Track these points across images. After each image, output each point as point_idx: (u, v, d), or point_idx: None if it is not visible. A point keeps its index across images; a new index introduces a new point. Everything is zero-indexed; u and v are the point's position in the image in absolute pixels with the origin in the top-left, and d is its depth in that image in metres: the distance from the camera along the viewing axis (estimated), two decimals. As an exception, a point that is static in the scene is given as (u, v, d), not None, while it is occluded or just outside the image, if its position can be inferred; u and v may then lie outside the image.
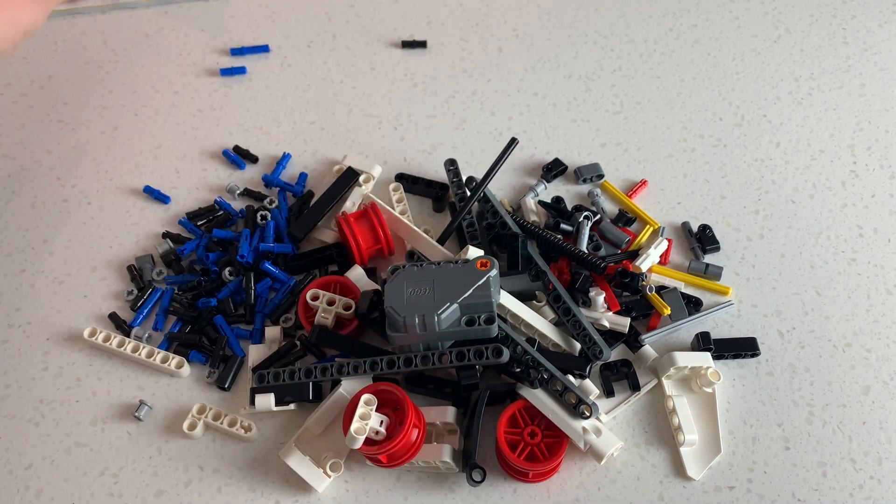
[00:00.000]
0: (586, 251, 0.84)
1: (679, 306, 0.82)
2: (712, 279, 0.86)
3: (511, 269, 0.82)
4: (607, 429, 0.73)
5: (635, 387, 0.78)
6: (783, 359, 0.81)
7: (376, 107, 1.03)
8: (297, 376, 0.75)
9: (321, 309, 0.79)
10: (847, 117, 1.00)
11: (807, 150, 0.97)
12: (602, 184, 0.94)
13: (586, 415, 0.71)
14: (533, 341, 0.78)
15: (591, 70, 1.06)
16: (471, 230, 0.86)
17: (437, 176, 0.95)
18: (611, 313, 0.81)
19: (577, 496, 0.73)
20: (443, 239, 0.86)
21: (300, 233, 0.88)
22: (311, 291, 0.80)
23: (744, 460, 0.75)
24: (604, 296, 0.80)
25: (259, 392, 0.76)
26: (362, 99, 1.04)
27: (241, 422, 0.76)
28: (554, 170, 0.94)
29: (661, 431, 0.77)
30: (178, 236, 0.90)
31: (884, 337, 0.82)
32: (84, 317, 0.86)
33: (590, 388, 0.75)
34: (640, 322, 0.83)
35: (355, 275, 0.83)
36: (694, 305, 0.84)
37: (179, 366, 0.80)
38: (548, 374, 0.73)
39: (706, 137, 0.99)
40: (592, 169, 0.94)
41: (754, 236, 0.90)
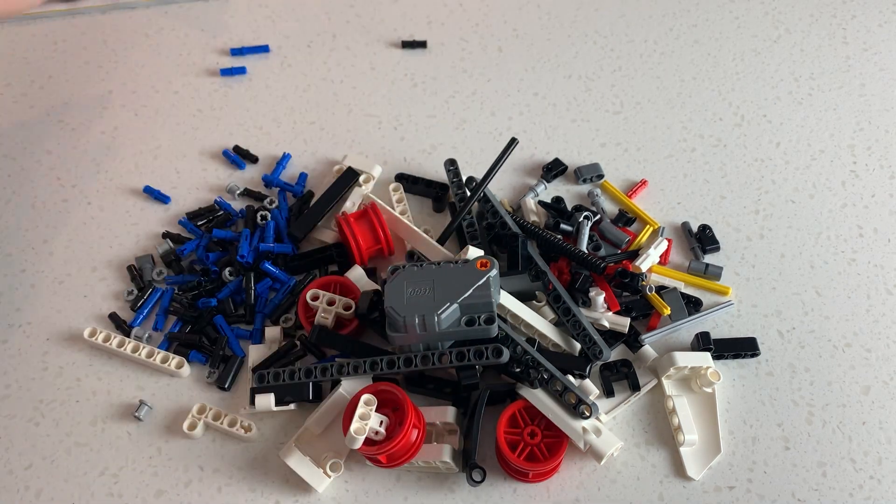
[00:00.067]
0: (586, 251, 0.84)
1: (679, 306, 0.82)
2: (712, 279, 0.86)
3: (511, 269, 0.82)
4: (607, 429, 0.73)
5: (635, 387, 0.78)
6: (783, 359, 0.81)
7: (376, 107, 1.03)
8: (297, 376, 0.75)
9: (321, 309, 0.79)
10: (847, 117, 1.00)
11: (807, 150, 0.97)
12: (602, 184, 0.94)
13: (586, 415, 0.71)
14: (533, 341, 0.78)
15: (591, 70, 1.06)
16: (471, 230, 0.86)
17: (437, 176, 0.95)
18: (611, 313, 0.81)
19: (577, 496, 0.73)
20: (443, 239, 0.86)
21: (300, 233, 0.88)
22: (311, 291, 0.80)
23: (744, 460, 0.75)
24: (604, 296, 0.80)
25: (259, 392, 0.76)
26: (362, 99, 1.04)
27: (241, 422, 0.76)
28: (554, 170, 0.94)
29: (661, 431, 0.77)
30: (178, 236, 0.90)
31: (884, 337, 0.82)
32: (84, 317, 0.86)
33: (590, 388, 0.75)
34: (640, 322, 0.83)
35: (355, 275, 0.83)
36: (694, 305, 0.83)
37: (179, 366, 0.80)
38: (548, 374, 0.73)
39: (706, 137, 0.99)
40: (592, 169, 0.94)
41: (754, 236, 0.90)
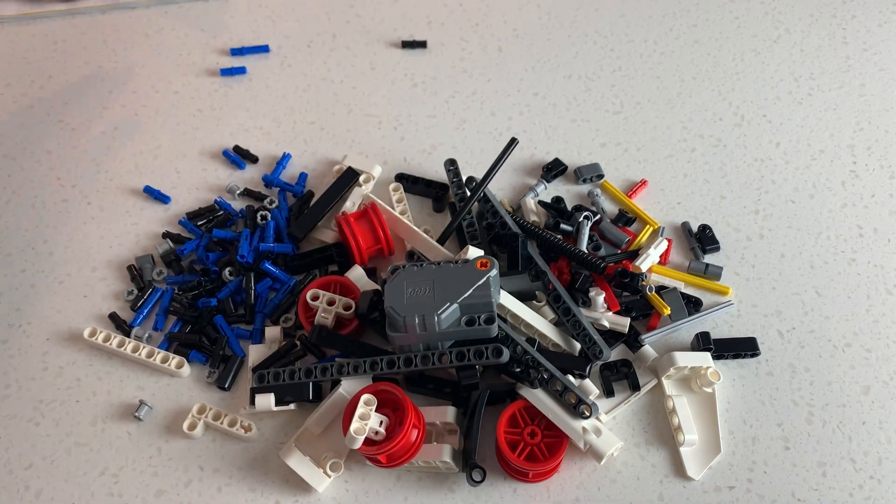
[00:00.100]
0: (586, 251, 0.84)
1: (679, 306, 0.82)
2: (712, 279, 0.86)
3: (511, 269, 0.82)
4: (607, 429, 0.73)
5: (635, 387, 0.78)
6: (783, 359, 0.81)
7: (376, 107, 1.03)
8: (297, 376, 0.75)
9: (321, 309, 0.79)
10: (847, 117, 1.00)
11: (807, 150, 0.97)
12: (602, 184, 0.94)
13: (586, 415, 0.71)
14: (533, 341, 0.78)
15: (591, 70, 1.06)
16: (471, 230, 0.86)
17: (437, 176, 0.95)
18: (611, 313, 0.81)
19: (577, 496, 0.73)
20: (443, 239, 0.86)
21: (300, 233, 0.88)
22: (311, 291, 0.80)
23: (744, 460, 0.75)
24: (604, 296, 0.80)
25: (259, 392, 0.76)
26: (362, 99, 1.04)
27: (241, 422, 0.76)
28: (554, 170, 0.94)
29: (661, 431, 0.77)
30: (178, 236, 0.90)
31: (884, 337, 0.82)
32: (84, 317, 0.86)
33: (590, 388, 0.75)
34: (640, 322, 0.83)
35: (355, 275, 0.83)
36: (694, 305, 0.83)
37: (179, 366, 0.80)
38: (548, 374, 0.73)
39: (706, 137, 0.99)
40: (592, 169, 0.94)
41: (754, 236, 0.90)
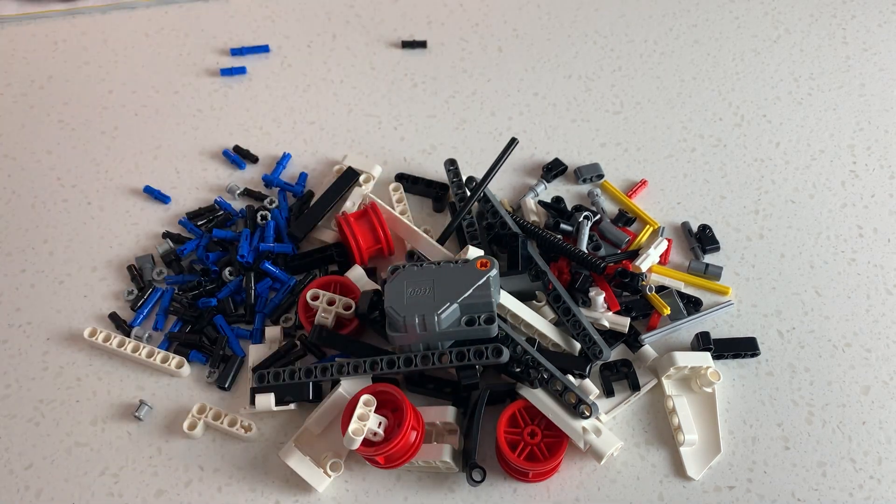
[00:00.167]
0: (586, 251, 0.84)
1: (676, 308, 0.82)
2: (712, 279, 0.86)
3: (511, 269, 0.82)
4: (607, 429, 0.73)
5: (635, 387, 0.78)
6: (783, 359, 0.81)
7: (376, 107, 1.03)
8: (297, 376, 0.75)
9: (321, 309, 0.79)
10: (847, 117, 1.00)
11: (807, 150, 0.97)
12: (602, 184, 0.94)
13: (586, 415, 0.71)
14: (533, 341, 0.78)
15: (591, 70, 1.06)
16: (471, 230, 0.86)
17: (437, 176, 0.95)
18: (611, 313, 0.81)
19: (577, 496, 0.73)
20: (443, 239, 0.86)
21: (300, 233, 0.88)
22: (311, 291, 0.80)
23: (744, 460, 0.75)
24: (604, 296, 0.80)
25: (259, 392, 0.76)
26: (362, 99, 1.04)
27: (241, 422, 0.76)
28: (554, 170, 0.94)
29: (661, 431, 0.77)
30: (178, 236, 0.90)
31: (884, 337, 0.82)
32: (84, 317, 0.86)
33: (590, 388, 0.75)
34: (640, 322, 0.83)
35: (355, 275, 0.83)
36: (694, 305, 0.84)
37: (179, 366, 0.80)
38: (548, 374, 0.73)
39: (706, 137, 0.99)
40: (592, 169, 0.94)
41: (754, 236, 0.90)
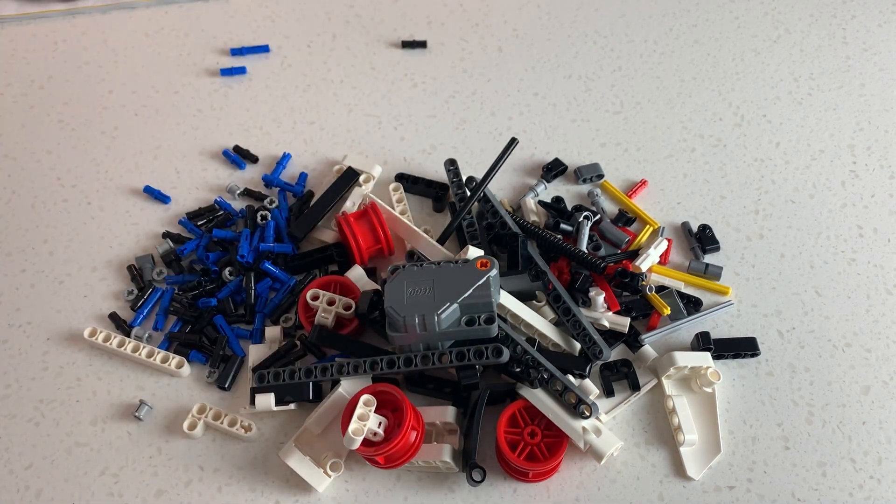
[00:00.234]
0: (586, 251, 0.84)
1: (676, 308, 0.82)
2: (712, 279, 0.86)
3: (511, 269, 0.82)
4: (607, 429, 0.73)
5: (635, 387, 0.78)
6: (783, 359, 0.81)
7: (376, 107, 1.03)
8: (297, 376, 0.75)
9: (321, 309, 0.79)
10: (847, 117, 1.00)
11: (807, 150, 0.97)
12: (602, 184, 0.94)
13: (586, 415, 0.71)
14: (533, 341, 0.78)
15: (591, 70, 1.06)
16: (471, 230, 0.86)
17: (437, 176, 0.95)
18: (611, 313, 0.81)
19: (577, 496, 0.73)
20: (443, 239, 0.86)
21: (300, 233, 0.88)
22: (311, 291, 0.80)
23: (744, 460, 0.75)
24: (604, 296, 0.80)
25: (259, 392, 0.76)
26: (362, 99, 1.04)
27: (241, 422, 0.76)
28: (554, 170, 0.94)
29: (661, 431, 0.77)
30: (178, 236, 0.90)
31: (884, 337, 0.82)
32: (84, 317, 0.86)
33: (590, 388, 0.75)
34: (640, 322, 0.83)
35: (355, 275, 0.83)
36: (694, 305, 0.84)
37: (179, 366, 0.80)
38: (548, 374, 0.73)
39: (706, 137, 0.99)
40: (592, 169, 0.94)
41: (754, 236, 0.90)
